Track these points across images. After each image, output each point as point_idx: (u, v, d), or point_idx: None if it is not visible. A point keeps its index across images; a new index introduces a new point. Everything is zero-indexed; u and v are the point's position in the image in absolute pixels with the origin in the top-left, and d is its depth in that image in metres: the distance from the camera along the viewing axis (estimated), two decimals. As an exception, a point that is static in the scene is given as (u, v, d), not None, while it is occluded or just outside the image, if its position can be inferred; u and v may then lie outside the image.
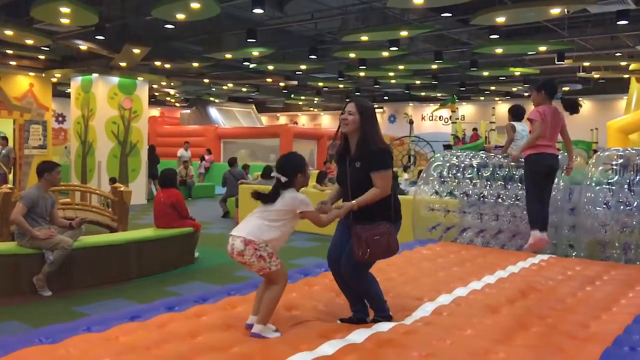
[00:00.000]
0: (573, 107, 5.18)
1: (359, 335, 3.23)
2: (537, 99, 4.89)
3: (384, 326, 3.42)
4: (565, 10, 9.58)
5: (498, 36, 11.87)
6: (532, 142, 4.79)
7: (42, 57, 14.32)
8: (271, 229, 3.25)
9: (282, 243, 3.35)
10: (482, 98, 26.08)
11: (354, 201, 3.36)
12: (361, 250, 3.31)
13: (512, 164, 6.36)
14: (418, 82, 20.65)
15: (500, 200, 6.64)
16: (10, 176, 13.71)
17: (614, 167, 6.27)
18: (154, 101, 25.33)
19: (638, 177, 6.01)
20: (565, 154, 6.14)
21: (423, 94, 24.72)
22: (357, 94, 23.58)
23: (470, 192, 6.91)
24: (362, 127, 3.42)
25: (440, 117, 27.80)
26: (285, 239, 3.38)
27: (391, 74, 17.85)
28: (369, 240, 3.30)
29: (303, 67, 16.00)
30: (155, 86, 17.79)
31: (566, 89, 21.45)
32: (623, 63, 15.28)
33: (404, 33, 11.40)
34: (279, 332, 3.29)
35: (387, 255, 3.47)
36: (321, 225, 3.36)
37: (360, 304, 3.60)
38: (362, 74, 17.43)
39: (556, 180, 6.41)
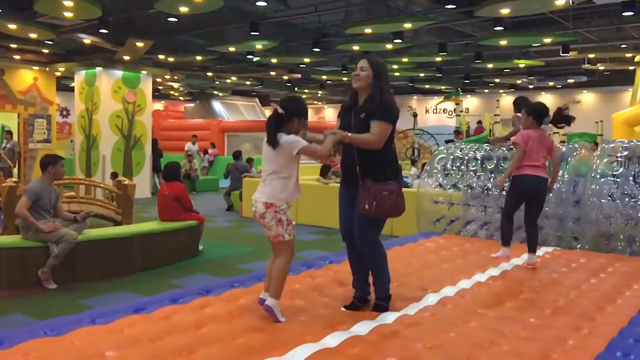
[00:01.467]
0: (564, 121, 5.32)
1: (363, 327, 3.24)
2: (526, 123, 5.07)
3: (388, 318, 3.42)
4: (570, 1, 9.51)
5: (502, 28, 11.79)
6: (513, 168, 4.96)
7: (45, 51, 14.31)
8: (284, 184, 3.30)
9: (298, 194, 3.38)
10: (486, 90, 25.98)
11: (348, 133, 3.38)
12: (368, 202, 3.32)
13: (497, 191, 6.42)
14: (422, 74, 20.57)
15: (504, 192, 6.62)
16: (15, 170, 13.75)
17: (619, 159, 6.25)
18: (157, 95, 25.32)
19: (643, 169, 5.99)
20: (570, 145, 6.12)
21: (427, 86, 24.63)
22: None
23: (474, 184, 6.90)
24: (374, 83, 3.46)
25: (444, 110, 27.72)
26: (299, 189, 3.40)
27: (395, 66, 17.77)
28: (377, 193, 3.32)
29: (307, 60, 15.95)
30: (159, 80, 17.78)
31: (571, 81, 21.37)
32: (628, 55, 15.18)
33: (407, 25, 11.34)
34: (284, 317, 3.35)
35: (394, 213, 3.45)
36: (321, 156, 3.37)
37: (364, 280, 3.65)
38: (366, 66, 17.35)
39: (560, 172, 6.39)
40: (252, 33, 11.65)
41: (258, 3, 9.64)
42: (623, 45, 14.63)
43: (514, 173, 5.00)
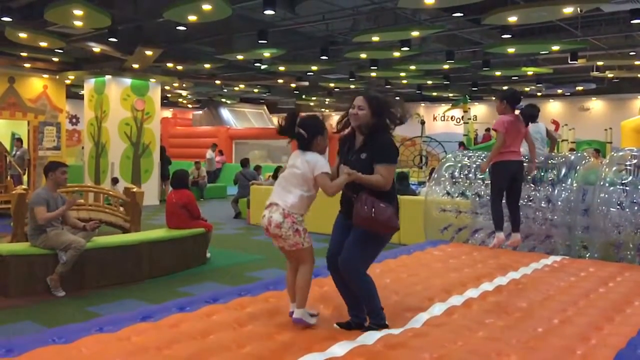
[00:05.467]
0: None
1: (369, 337, 3.23)
2: (500, 108, 5.23)
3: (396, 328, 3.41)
4: (578, 9, 9.49)
5: (510, 36, 11.79)
6: (496, 152, 5.08)
7: (55, 59, 14.45)
8: (305, 199, 3.32)
9: (308, 209, 3.39)
10: (494, 98, 25.86)
11: (360, 174, 3.32)
12: (367, 207, 3.25)
13: (481, 175, 6.43)
14: (430, 82, 20.57)
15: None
16: (25, 177, 13.85)
17: (628, 167, 6.21)
18: (166, 102, 25.45)
19: (652, 178, 5.95)
20: (578, 154, 6.11)
21: (435, 94, 24.62)
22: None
23: (482, 192, 6.87)
24: (373, 122, 3.41)
25: (452, 118, 27.67)
26: (309, 207, 3.41)
27: (403, 74, 17.79)
28: (375, 203, 3.27)
29: (314, 67, 16.00)
30: (167, 87, 17.89)
31: (580, 88, 21.28)
32: (637, 62, 15.12)
33: (415, 33, 11.36)
34: (317, 316, 3.38)
35: (389, 227, 3.35)
36: (330, 192, 3.32)
37: (359, 308, 3.54)
38: (373, 74, 17.39)
39: (569, 181, 6.36)
40: (260, 41, 11.72)
41: (266, 11, 9.69)
42: (632, 53, 14.58)
43: (496, 159, 5.13)
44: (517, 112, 5.31)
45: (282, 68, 16.34)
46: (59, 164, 6.31)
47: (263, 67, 16.33)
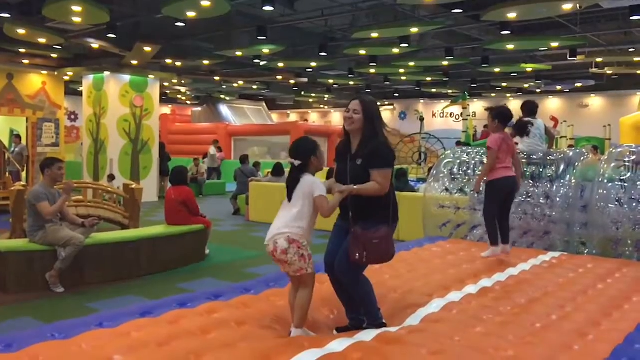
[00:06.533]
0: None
1: (368, 333, 3.24)
2: (492, 127, 5.32)
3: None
4: (578, 5, 9.48)
5: (509, 32, 11.78)
6: (488, 170, 5.17)
7: (54, 55, 14.42)
8: (306, 223, 3.33)
9: (311, 235, 3.41)
10: (493, 95, 25.91)
11: (354, 186, 3.33)
12: (358, 252, 3.28)
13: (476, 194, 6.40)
14: (429, 78, 20.55)
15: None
16: (24, 174, 13.84)
17: (627, 163, 6.22)
18: (165, 99, 25.43)
19: (651, 174, 5.96)
20: (577, 150, 6.12)
21: (434, 90, 24.61)
22: (367, 91, 23.54)
23: (481, 189, 6.87)
24: (367, 126, 3.39)
25: (451, 114, 27.66)
26: (312, 231, 3.43)
27: (402, 70, 17.79)
28: (367, 244, 3.27)
29: (313, 64, 15.98)
30: (166, 84, 17.89)
31: (579, 85, 21.28)
32: (636, 59, 15.11)
33: (414, 30, 11.35)
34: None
35: (383, 260, 3.42)
36: (324, 214, 3.33)
37: (357, 310, 3.56)
38: (372, 71, 17.38)
39: (568, 177, 6.37)
40: (259, 37, 11.71)
41: (265, 8, 9.68)
42: (631, 49, 14.57)
43: (491, 177, 5.20)
44: (507, 130, 5.43)
45: (281, 64, 16.32)
46: (55, 159, 6.29)
47: (262, 63, 16.32)
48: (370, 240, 3.27)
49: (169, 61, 15.04)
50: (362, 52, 14.02)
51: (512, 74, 19.68)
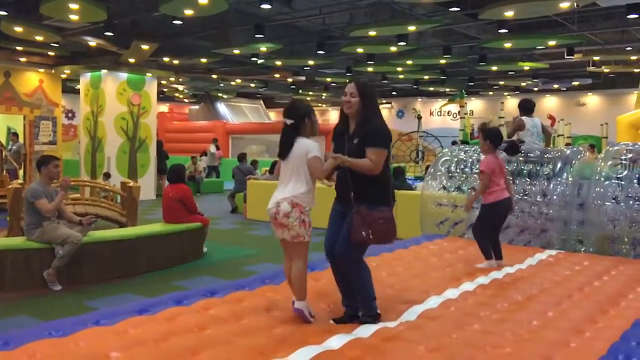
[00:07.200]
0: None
1: (365, 329, 3.25)
2: (483, 148, 5.33)
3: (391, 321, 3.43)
4: (575, 4, 9.49)
5: (507, 30, 11.79)
6: (480, 194, 5.18)
7: (51, 53, 14.38)
8: (307, 188, 3.38)
9: (314, 203, 3.45)
10: (491, 93, 25.94)
11: (347, 157, 3.36)
12: (364, 230, 3.30)
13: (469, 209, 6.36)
14: (426, 77, 20.56)
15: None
16: (21, 172, 13.82)
17: (623, 161, 6.24)
18: (162, 97, 25.39)
19: (647, 172, 5.98)
20: (574, 148, 6.14)
21: (431, 89, 24.63)
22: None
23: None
24: (363, 108, 3.45)
25: (448, 112, 27.69)
26: (314, 199, 3.47)
27: (399, 69, 17.78)
28: (373, 222, 3.31)
29: (311, 62, 15.98)
30: (163, 82, 17.85)
31: (576, 83, 21.32)
32: (633, 57, 15.14)
33: (412, 28, 11.35)
34: (314, 317, 3.45)
35: (387, 240, 3.44)
36: (319, 174, 3.39)
37: (353, 298, 3.58)
38: (370, 69, 17.37)
39: (564, 175, 6.39)
40: (256, 35, 11.70)
41: (262, 5, 9.67)
42: (628, 48, 14.59)
43: (487, 200, 5.18)
44: (498, 151, 5.48)
45: (278, 62, 16.31)
46: (51, 157, 6.29)
47: (260, 61, 16.29)
48: (375, 219, 3.32)
49: (166, 59, 15.02)
50: (360, 50, 14.02)
51: (510, 73, 19.71)
